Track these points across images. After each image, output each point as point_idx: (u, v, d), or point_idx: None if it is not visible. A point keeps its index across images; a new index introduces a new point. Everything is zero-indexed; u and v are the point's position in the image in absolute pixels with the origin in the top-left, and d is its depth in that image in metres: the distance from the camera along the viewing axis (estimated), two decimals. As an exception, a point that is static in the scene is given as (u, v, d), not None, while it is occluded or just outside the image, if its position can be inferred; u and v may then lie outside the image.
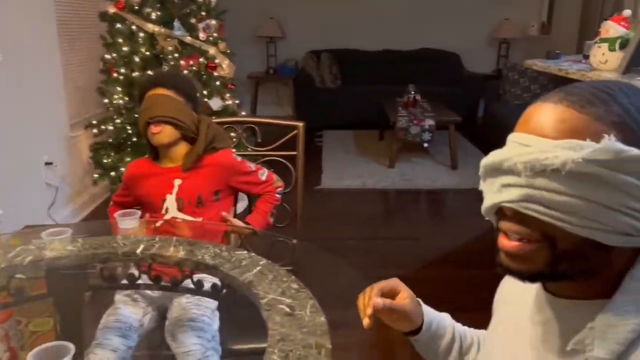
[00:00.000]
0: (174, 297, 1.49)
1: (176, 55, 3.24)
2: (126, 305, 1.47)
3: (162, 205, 1.59)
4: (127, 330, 1.38)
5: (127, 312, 1.45)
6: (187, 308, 1.45)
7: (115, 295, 1.49)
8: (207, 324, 1.43)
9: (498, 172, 0.65)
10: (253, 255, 1.25)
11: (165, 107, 1.55)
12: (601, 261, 0.62)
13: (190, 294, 1.42)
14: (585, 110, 0.61)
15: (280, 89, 6.86)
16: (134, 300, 1.49)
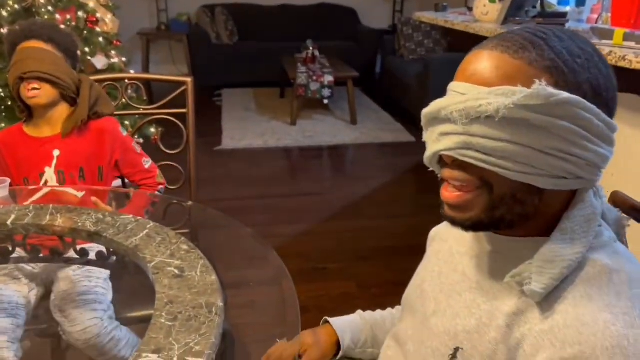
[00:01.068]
0: (59, 269, 1.38)
1: (50, 8, 2.93)
2: (7, 285, 1.34)
3: (40, 180, 1.44)
4: (15, 310, 1.27)
5: (10, 292, 1.33)
6: (76, 280, 1.35)
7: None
8: (101, 295, 1.35)
9: (437, 122, 0.66)
10: (139, 219, 1.18)
11: (42, 62, 1.38)
12: (537, 205, 0.65)
13: (77, 265, 1.33)
14: (518, 55, 0.61)
15: (173, 47, 6.51)
16: (14, 278, 1.37)
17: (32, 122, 1.49)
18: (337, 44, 5.97)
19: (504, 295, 0.67)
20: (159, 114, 1.76)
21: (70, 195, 1.43)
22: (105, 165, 1.51)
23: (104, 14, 3.13)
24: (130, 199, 1.59)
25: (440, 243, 0.87)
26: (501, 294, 0.68)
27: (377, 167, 3.90)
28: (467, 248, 0.78)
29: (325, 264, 2.53)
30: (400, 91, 5.11)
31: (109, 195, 1.53)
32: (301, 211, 3.14)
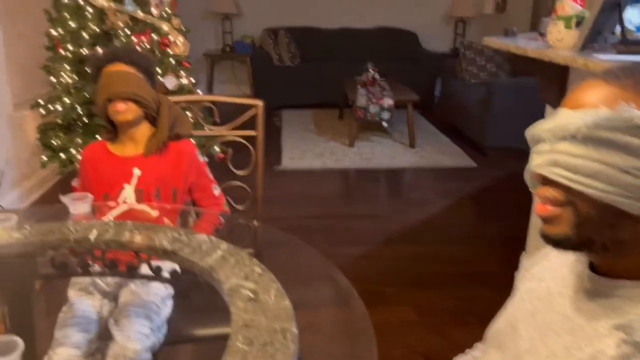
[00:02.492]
0: (123, 283, 1.43)
1: (127, 31, 3.10)
2: (81, 299, 1.40)
3: (119, 197, 1.50)
4: (87, 325, 1.32)
5: (84, 307, 1.38)
6: (136, 294, 1.39)
7: (68, 291, 1.41)
8: (154, 312, 1.37)
9: (534, 141, 0.70)
10: (213, 239, 1.21)
11: (127, 83, 1.46)
12: (633, 233, 0.64)
13: (147, 281, 1.37)
14: (612, 80, 0.65)
15: (236, 67, 6.71)
16: (88, 292, 1.42)
17: (116, 141, 1.56)
18: (397, 66, 5.97)
19: (608, 338, 0.64)
20: (229, 135, 1.81)
21: (146, 213, 1.48)
22: (180, 187, 1.56)
23: (176, 36, 3.28)
24: (200, 217, 1.63)
25: (535, 282, 0.84)
26: (605, 337, 0.65)
27: (436, 192, 3.84)
28: (568, 288, 0.75)
29: (383, 288, 2.50)
30: (461, 115, 5.04)
31: (180, 214, 1.58)
32: (358, 233, 3.13)
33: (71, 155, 3.17)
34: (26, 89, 3.50)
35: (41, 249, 1.22)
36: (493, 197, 3.72)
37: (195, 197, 1.63)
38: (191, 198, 1.64)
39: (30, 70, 3.54)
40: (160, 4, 3.20)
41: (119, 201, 1.50)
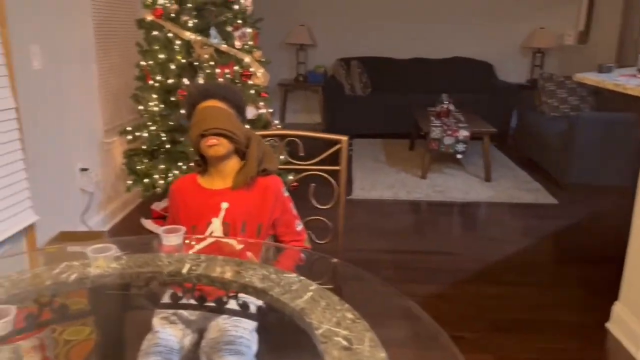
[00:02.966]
0: (212, 317, 1.44)
1: (212, 63, 3.22)
2: (165, 328, 1.42)
3: (206, 230, 1.54)
4: (169, 354, 1.33)
5: (167, 336, 1.40)
6: (225, 329, 1.40)
7: (153, 319, 1.44)
8: (246, 347, 1.37)
9: None
10: (303, 279, 1.20)
11: (220, 119, 1.50)
12: None
13: (235, 316, 1.37)
14: None
15: (309, 97, 6.83)
16: (172, 322, 1.45)
17: (206, 175, 1.60)
18: (471, 97, 5.85)
19: None
20: (313, 170, 1.81)
21: (231, 246, 1.50)
22: (265, 222, 1.57)
23: (257, 68, 3.37)
24: (282, 253, 1.63)
25: None
26: None
27: (514, 229, 3.68)
28: None
29: (461, 332, 2.39)
30: (540, 149, 4.84)
31: (263, 249, 1.58)
32: (432, 270, 3.03)
33: (154, 181, 3.30)
34: (115, 116, 3.71)
35: (136, 280, 1.25)
36: (577, 237, 3.51)
37: (279, 232, 1.64)
38: (274, 232, 1.64)
39: (120, 99, 3.76)
40: (243, 36, 3.31)
41: (206, 234, 1.53)
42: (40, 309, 1.21)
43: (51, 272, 1.20)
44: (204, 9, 3.28)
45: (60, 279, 1.17)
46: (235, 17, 3.32)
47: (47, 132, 2.76)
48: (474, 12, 6.49)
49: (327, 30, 6.60)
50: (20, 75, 2.47)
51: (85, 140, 3.25)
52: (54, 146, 2.85)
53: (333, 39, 6.61)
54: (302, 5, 6.54)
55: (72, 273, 1.20)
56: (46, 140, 2.75)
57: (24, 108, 2.47)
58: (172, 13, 3.21)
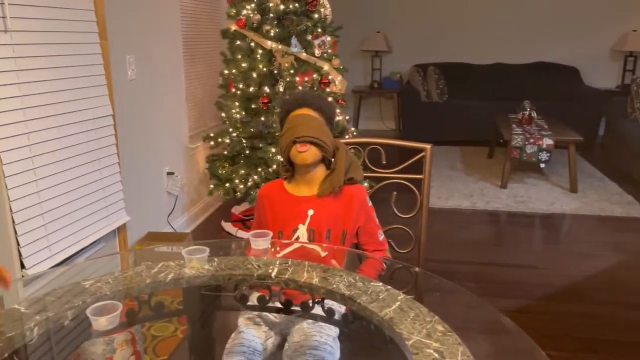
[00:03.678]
0: (296, 322, 1.46)
1: (292, 71, 3.29)
2: (249, 328, 1.46)
3: (292, 235, 1.57)
4: (252, 355, 1.37)
5: (250, 336, 1.44)
6: (309, 334, 1.41)
7: (238, 319, 1.49)
8: (329, 353, 1.38)
9: None
10: (389, 289, 1.19)
11: (312, 127, 1.54)
12: None
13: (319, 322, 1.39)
14: None
15: (383, 103, 6.80)
16: (256, 323, 1.48)
17: (292, 181, 1.64)
18: (555, 104, 5.59)
19: None
20: (396, 179, 1.80)
21: (316, 253, 1.51)
22: (349, 230, 1.58)
23: (335, 76, 3.40)
24: (365, 262, 1.63)
25: None
26: None
27: (603, 244, 3.46)
28: None
29: (546, 350, 2.27)
30: (632, 159, 4.53)
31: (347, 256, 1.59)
32: (513, 284, 2.91)
33: (235, 185, 3.42)
34: (199, 123, 3.88)
35: (227, 282, 1.29)
36: (673, 256, 3.25)
37: (362, 241, 1.64)
38: (357, 241, 1.65)
39: (203, 107, 3.92)
40: (323, 45, 3.36)
41: (292, 239, 1.56)
42: (139, 305, 1.28)
43: (150, 271, 1.27)
44: (285, 19, 3.36)
45: (159, 278, 1.24)
46: (315, 26, 3.37)
47: (139, 138, 2.93)
48: (560, 15, 6.21)
49: (404, 37, 6.55)
50: (117, 84, 2.64)
51: (172, 146, 3.42)
52: (144, 151, 3.02)
53: (409, 45, 6.55)
54: (379, 13, 6.54)
55: (169, 273, 1.26)
56: (137, 145, 2.91)
57: (119, 115, 2.64)
58: (255, 23, 3.32)
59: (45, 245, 2.14)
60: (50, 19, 2.16)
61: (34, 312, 1.07)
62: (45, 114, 2.13)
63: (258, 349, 1.44)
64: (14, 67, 1.98)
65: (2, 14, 1.91)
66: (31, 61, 2.06)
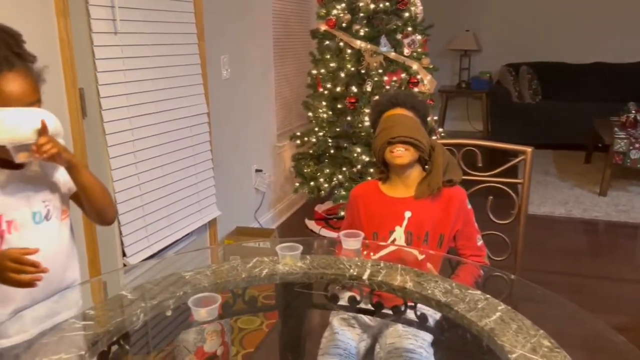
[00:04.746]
0: (389, 325, 1.44)
1: (380, 71, 3.26)
2: (343, 329, 1.45)
3: (388, 237, 1.54)
4: (347, 357, 1.36)
5: (345, 338, 1.43)
6: (404, 336, 1.38)
7: (331, 318, 1.48)
8: (425, 358, 1.35)
9: None
10: (489, 297, 1.14)
11: (407, 127, 1.50)
12: None
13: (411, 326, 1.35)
14: None
15: (470, 104, 6.58)
16: (350, 325, 1.47)
17: (388, 182, 1.61)
18: (664, 106, 5.13)
19: None
20: (492, 182, 1.72)
21: (412, 256, 1.48)
22: (447, 234, 1.53)
23: (425, 75, 3.33)
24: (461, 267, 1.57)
25: None
26: None
27: None
28: None
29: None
30: None
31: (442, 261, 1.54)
32: (616, 299, 2.70)
33: (319, 184, 3.44)
34: (286, 122, 3.94)
35: (319, 280, 1.29)
36: None
37: (459, 245, 1.58)
38: (454, 245, 1.59)
39: (290, 106, 3.99)
40: (413, 44, 3.30)
41: (388, 241, 1.53)
42: (234, 298, 1.31)
43: (245, 265, 1.30)
44: (375, 18, 3.33)
45: (254, 273, 1.26)
46: (406, 25, 3.31)
47: (230, 136, 3.03)
48: (671, 9, 5.70)
49: (494, 35, 6.29)
50: (212, 83, 2.74)
51: (260, 144, 3.51)
52: (235, 148, 3.11)
53: (500, 44, 6.28)
54: (469, 11, 6.33)
55: (264, 268, 1.28)
56: (228, 142, 3.01)
57: (213, 113, 2.74)
58: (345, 23, 3.32)
59: (144, 236, 2.26)
60: (154, 22, 2.28)
61: (138, 299, 1.12)
62: (147, 111, 2.25)
63: (352, 351, 1.42)
64: (122, 66, 2.11)
65: (112, 17, 2.04)
66: (137, 61, 2.18)
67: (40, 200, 1.12)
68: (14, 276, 0.96)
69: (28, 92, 1.04)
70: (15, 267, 0.96)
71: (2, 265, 0.96)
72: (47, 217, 1.12)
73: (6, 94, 1.01)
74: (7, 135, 1.00)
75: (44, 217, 1.12)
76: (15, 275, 0.96)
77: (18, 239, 1.08)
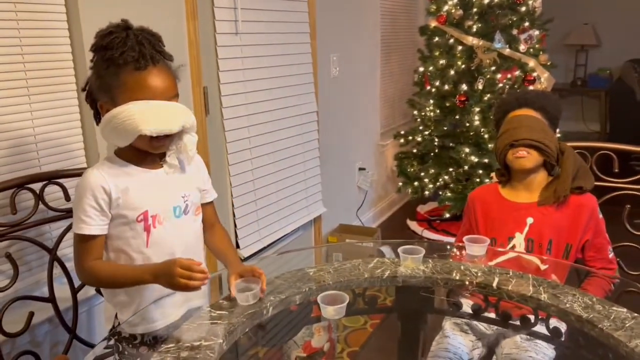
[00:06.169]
0: (507, 334, 1.37)
1: (493, 68, 3.12)
2: (455, 334, 1.41)
3: (507, 243, 1.46)
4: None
5: (457, 343, 1.38)
6: (522, 348, 1.30)
7: (444, 322, 1.44)
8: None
9: None
10: (637, 316, 1.04)
11: (533, 129, 1.42)
12: None
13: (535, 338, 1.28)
14: None
15: (586, 102, 6.13)
16: (463, 330, 1.42)
17: (509, 186, 1.53)
18: None
19: None
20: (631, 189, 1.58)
21: (533, 265, 1.40)
22: (575, 244, 1.43)
23: (542, 72, 3.14)
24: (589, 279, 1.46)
25: None
26: None
27: None
28: None
29: None
30: None
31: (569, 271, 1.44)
32: None
33: (424, 184, 3.37)
34: (390, 120, 3.90)
35: (443, 285, 1.26)
36: None
37: (587, 256, 1.47)
38: (582, 256, 1.48)
39: (394, 104, 3.94)
40: (530, 39, 3.12)
41: (507, 248, 1.46)
42: (354, 297, 1.31)
43: (367, 265, 1.29)
44: (489, 13, 3.20)
45: (376, 274, 1.25)
46: (522, 20, 3.15)
47: (335, 134, 3.05)
48: None
49: (616, 29, 5.80)
50: (321, 82, 2.77)
51: (364, 142, 3.50)
52: (339, 146, 3.13)
53: (623, 38, 5.78)
54: (587, 3, 5.89)
55: (385, 270, 1.27)
56: (334, 140, 3.03)
57: (321, 111, 2.77)
58: (456, 18, 3.22)
59: (255, 230, 2.34)
60: (272, 22, 2.34)
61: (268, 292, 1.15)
62: (262, 109, 2.32)
63: (464, 357, 1.37)
64: (241, 66, 2.19)
65: (235, 18, 2.12)
66: (255, 61, 2.26)
67: (179, 196, 1.18)
68: (184, 281, 1.00)
69: (170, 87, 1.11)
70: (187, 273, 1.00)
71: (173, 271, 1.01)
72: (185, 211, 1.19)
73: (153, 87, 1.08)
74: (163, 126, 1.06)
75: (183, 212, 1.18)
76: (185, 281, 1.00)
77: (162, 232, 1.15)
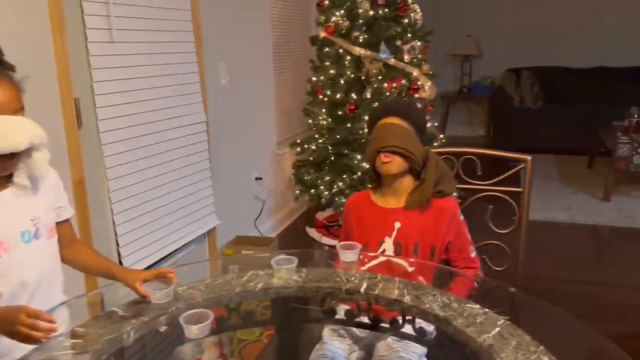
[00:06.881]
0: (381, 337, 1.41)
1: (379, 77, 3.24)
2: (333, 340, 1.43)
3: (378, 248, 1.51)
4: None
5: (334, 348, 1.41)
6: (394, 349, 1.35)
7: (323, 329, 1.46)
8: (414, 371, 1.32)
9: None
10: (488, 312, 1.11)
11: (398, 137, 1.48)
12: None
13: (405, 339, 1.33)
14: None
15: (472, 109, 6.56)
16: (340, 335, 1.45)
17: (379, 191, 1.59)
18: (667, 110, 5.09)
19: None
20: (491, 191, 1.70)
21: (402, 267, 1.45)
22: (438, 245, 1.51)
23: (425, 82, 3.31)
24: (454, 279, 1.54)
25: None
26: None
27: None
28: None
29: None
30: None
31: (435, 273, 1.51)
32: (621, 307, 2.66)
33: (320, 191, 3.42)
34: (286, 129, 3.92)
35: (315, 294, 1.27)
36: None
37: (451, 257, 1.55)
38: (446, 257, 1.56)
39: (290, 113, 3.96)
40: (412, 50, 3.28)
41: (378, 252, 1.51)
42: (228, 313, 1.29)
43: (240, 279, 1.28)
44: (374, 25, 3.32)
45: (248, 287, 1.24)
46: (405, 31, 3.30)
47: (229, 144, 3.01)
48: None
49: (496, 40, 6.27)
50: (210, 91, 2.72)
51: (260, 152, 3.48)
52: (234, 156, 3.09)
53: (502, 49, 6.25)
54: (470, 16, 6.31)
55: (258, 282, 1.26)
56: (228, 150, 2.99)
57: (211, 121, 2.72)
58: (344, 29, 3.30)
59: (141, 247, 2.24)
60: (152, 30, 2.26)
61: (131, 315, 1.10)
62: (144, 120, 2.23)
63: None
64: (118, 76, 2.09)
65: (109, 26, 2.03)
66: (134, 70, 2.17)
67: (28, 219, 1.09)
68: (25, 330, 0.91)
69: (12, 100, 1.02)
70: (30, 322, 0.91)
71: (16, 318, 0.91)
72: (36, 235, 1.10)
73: None
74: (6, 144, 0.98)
75: (33, 236, 1.09)
76: (26, 330, 0.90)
77: (9, 261, 1.05)
